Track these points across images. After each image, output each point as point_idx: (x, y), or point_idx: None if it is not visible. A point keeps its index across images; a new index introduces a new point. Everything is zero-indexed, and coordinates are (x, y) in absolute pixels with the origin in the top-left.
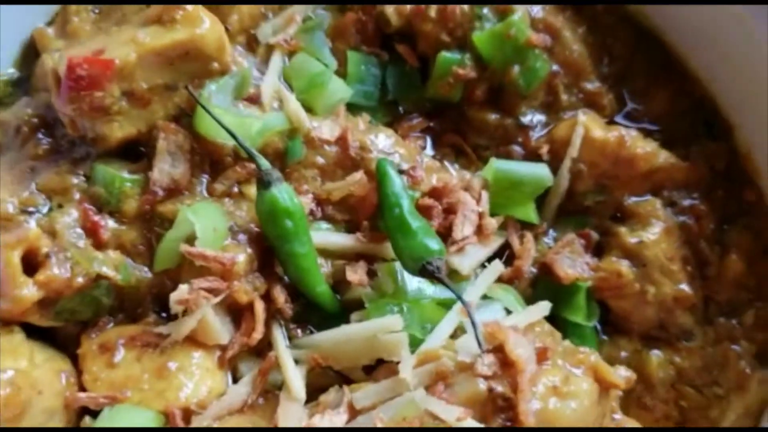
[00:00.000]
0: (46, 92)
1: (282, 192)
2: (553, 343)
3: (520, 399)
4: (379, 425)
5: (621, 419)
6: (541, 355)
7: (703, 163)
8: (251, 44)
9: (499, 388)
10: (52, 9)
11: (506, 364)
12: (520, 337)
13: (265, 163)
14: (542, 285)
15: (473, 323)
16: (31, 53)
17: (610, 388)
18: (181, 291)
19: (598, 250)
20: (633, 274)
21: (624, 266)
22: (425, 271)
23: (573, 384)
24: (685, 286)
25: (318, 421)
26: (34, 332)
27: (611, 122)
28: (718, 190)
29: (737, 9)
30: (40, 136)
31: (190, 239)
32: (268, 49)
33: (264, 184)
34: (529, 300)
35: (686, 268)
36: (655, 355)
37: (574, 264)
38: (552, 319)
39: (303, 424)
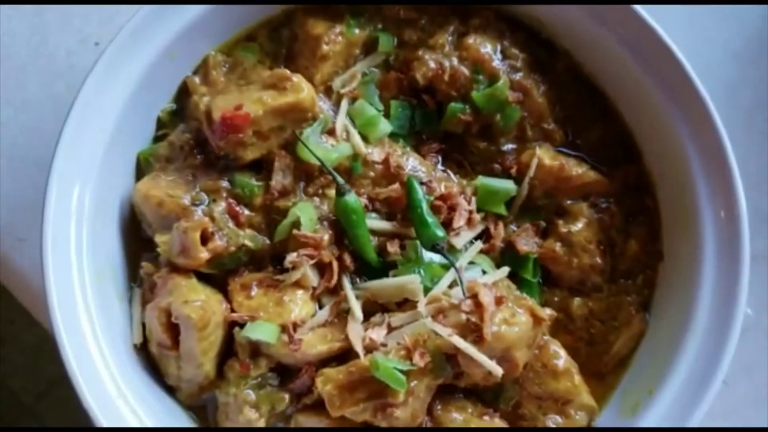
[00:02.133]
0: (196, 121)
1: (350, 198)
2: (508, 293)
3: (485, 326)
4: (406, 338)
5: (547, 339)
6: (499, 301)
7: (619, 179)
8: (328, 92)
9: (473, 319)
10: (195, 61)
11: (478, 306)
12: (488, 290)
13: (340, 180)
14: (507, 255)
15: (460, 280)
16: (182, 93)
17: (541, 321)
18: (292, 256)
19: (544, 235)
20: (563, 251)
21: (558, 246)
22: (434, 248)
23: (516, 318)
24: (597, 259)
25: (371, 333)
26: (198, 277)
27: (559, 151)
28: (626, 198)
29: (637, 76)
30: (196, 152)
31: (296, 224)
32: (338, 96)
33: (340, 193)
34: (498, 265)
35: (600, 247)
36: (576, 300)
37: (528, 243)
38: (513, 275)
39: (361, 335)
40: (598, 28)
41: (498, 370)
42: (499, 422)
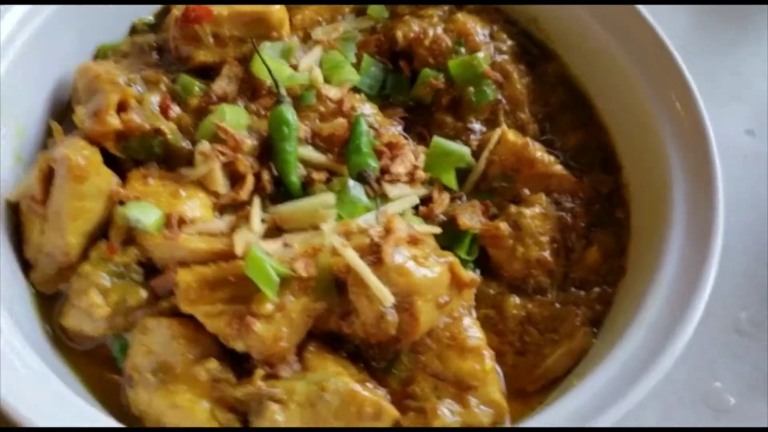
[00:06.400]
0: (166, 33)
1: (288, 110)
2: (430, 246)
3: (386, 245)
4: (295, 245)
5: (472, 321)
6: (415, 240)
7: (590, 184)
8: (306, 39)
9: (376, 239)
10: None
11: (388, 232)
12: (404, 224)
13: (283, 91)
14: (446, 229)
15: (377, 211)
16: (163, 13)
17: (462, 286)
18: (205, 145)
19: (492, 219)
20: (509, 232)
21: (504, 226)
22: (361, 177)
23: (430, 262)
24: (547, 255)
25: (261, 242)
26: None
27: None
28: (596, 204)
29: (640, 94)
30: (154, 54)
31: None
32: (314, 44)
33: (278, 102)
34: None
35: (553, 245)
36: (514, 299)
37: (471, 219)
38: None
39: (245, 242)
40: (603, 36)
41: (388, 297)
42: (380, 395)
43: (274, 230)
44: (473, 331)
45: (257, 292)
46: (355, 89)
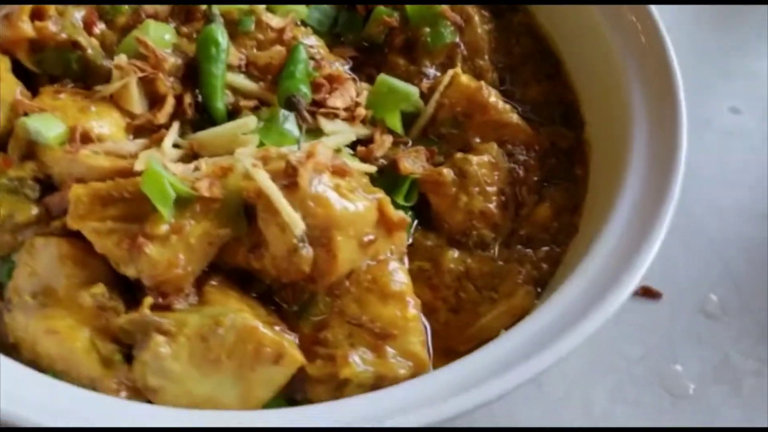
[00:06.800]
0: None
1: (218, 28)
2: (360, 183)
3: (302, 169)
4: (203, 166)
5: (399, 266)
6: (341, 171)
7: (548, 137)
8: None
9: (294, 163)
10: None
11: (308, 157)
12: (330, 151)
13: (216, 10)
14: (386, 173)
15: (304, 141)
16: None
17: (392, 229)
18: (121, 58)
19: (437, 166)
20: (452, 179)
21: (446, 170)
22: (290, 103)
23: (356, 196)
24: (492, 207)
25: (170, 165)
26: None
27: None
28: (551, 159)
29: (612, 49)
30: None
31: None
32: None
33: (208, 21)
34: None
35: (500, 197)
36: (453, 252)
37: (413, 163)
38: None
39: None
40: None
41: (298, 223)
42: (288, 338)
43: (191, 157)
44: (399, 276)
45: (154, 212)
46: (304, 25)
